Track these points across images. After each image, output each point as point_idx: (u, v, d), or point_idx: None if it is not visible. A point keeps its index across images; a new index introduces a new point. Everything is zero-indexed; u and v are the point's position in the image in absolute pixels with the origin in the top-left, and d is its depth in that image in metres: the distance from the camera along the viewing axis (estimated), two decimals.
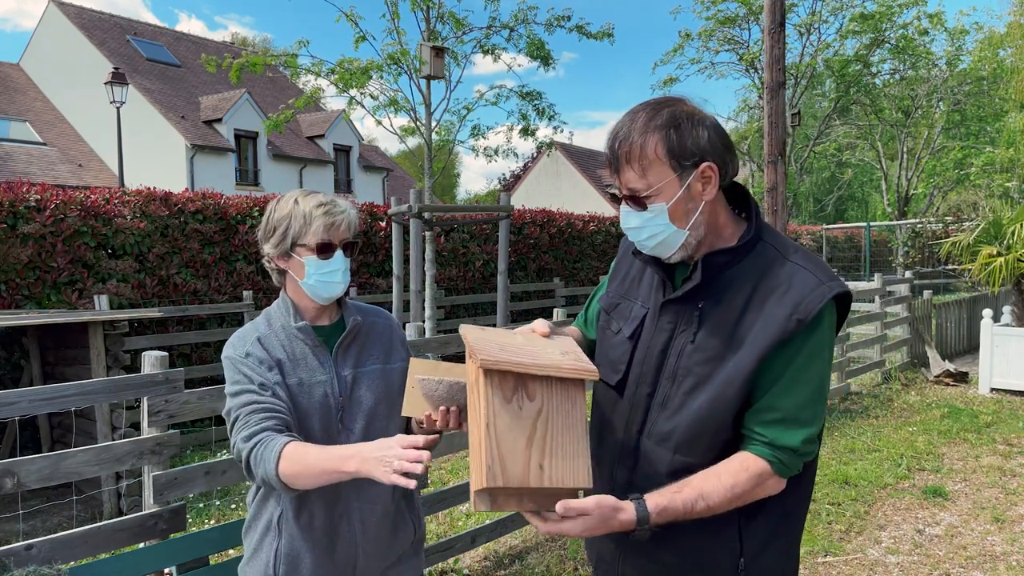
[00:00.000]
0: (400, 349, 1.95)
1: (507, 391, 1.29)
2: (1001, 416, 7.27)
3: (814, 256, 1.48)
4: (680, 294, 1.48)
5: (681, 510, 1.36)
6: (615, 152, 1.43)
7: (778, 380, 1.38)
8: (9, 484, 2.43)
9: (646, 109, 1.44)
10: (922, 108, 21.17)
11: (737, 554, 1.46)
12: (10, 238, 6.43)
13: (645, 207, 1.43)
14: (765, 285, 1.42)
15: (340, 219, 1.80)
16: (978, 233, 8.74)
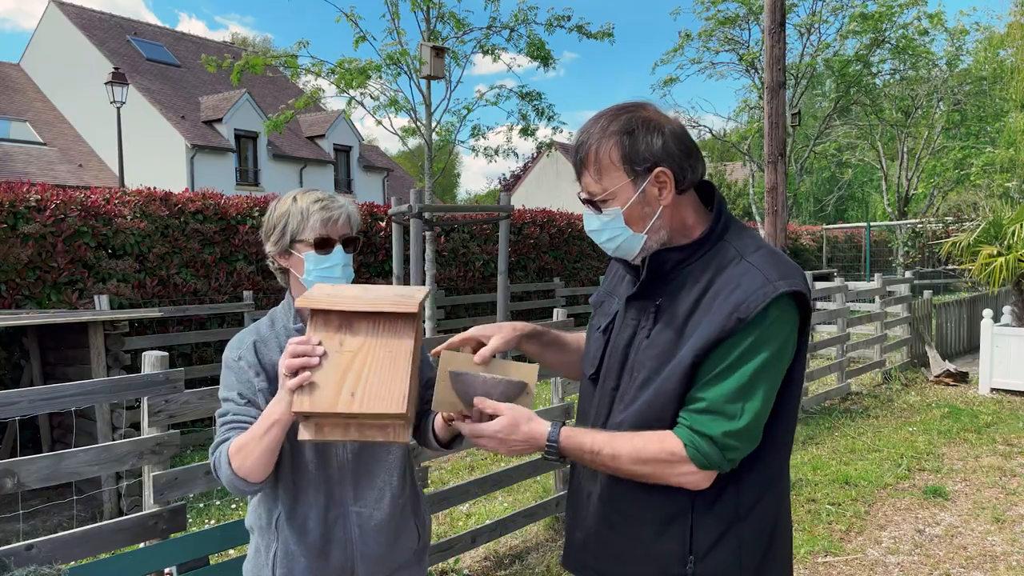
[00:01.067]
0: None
1: (331, 329, 1.43)
2: (1001, 416, 7.27)
3: (778, 256, 1.47)
4: (636, 290, 1.54)
5: (588, 447, 1.44)
6: (576, 156, 1.51)
7: (706, 370, 1.40)
8: (9, 484, 2.43)
9: (606, 115, 1.48)
10: (922, 108, 21.17)
11: (685, 552, 1.46)
12: (10, 238, 6.43)
13: (601, 211, 1.49)
14: (717, 283, 1.44)
15: (337, 213, 1.78)
16: (978, 233, 8.74)
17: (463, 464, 6.00)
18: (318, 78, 9.12)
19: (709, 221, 1.52)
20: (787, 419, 1.49)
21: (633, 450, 1.42)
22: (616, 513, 1.55)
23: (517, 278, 11.70)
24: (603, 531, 1.57)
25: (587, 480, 1.61)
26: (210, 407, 2.95)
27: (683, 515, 1.47)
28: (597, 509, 1.58)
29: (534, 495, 5.15)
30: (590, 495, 1.60)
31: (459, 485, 4.02)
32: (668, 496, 1.46)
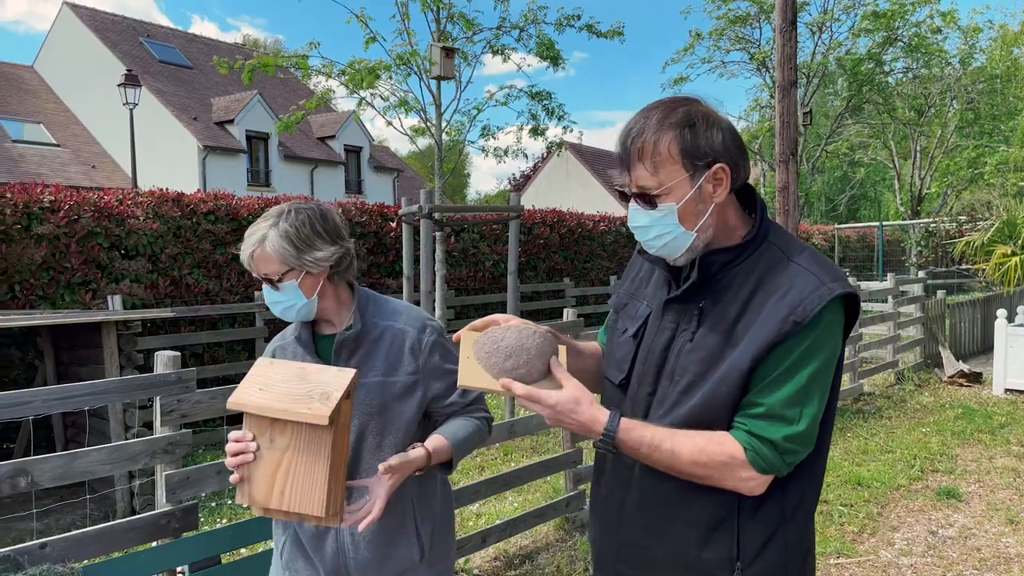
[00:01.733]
0: (410, 361, 1.86)
1: (263, 426, 1.53)
2: (1015, 417, 7.20)
3: (822, 257, 1.46)
4: (680, 293, 1.48)
5: (647, 441, 1.39)
6: (627, 148, 1.42)
7: (763, 375, 1.37)
8: (23, 483, 2.45)
9: (660, 107, 1.43)
10: (935, 107, 21.02)
11: (734, 557, 1.44)
12: (24, 239, 6.48)
13: (655, 206, 1.41)
14: (766, 286, 1.41)
15: (247, 251, 1.81)
16: (992, 232, 8.68)
17: (473, 464, 6.00)
18: (329, 79, 9.14)
19: (749, 223, 1.49)
20: (829, 421, 1.48)
21: (695, 449, 1.38)
22: (657, 520, 1.49)
23: (527, 278, 11.69)
24: (641, 539, 1.51)
25: (619, 488, 1.55)
26: (222, 407, 2.96)
27: (729, 520, 1.43)
28: (634, 517, 1.52)
29: (544, 495, 5.15)
30: (623, 503, 1.54)
31: (469, 485, 4.02)
32: (713, 501, 1.43)
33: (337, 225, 1.86)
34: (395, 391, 1.83)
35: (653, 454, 1.40)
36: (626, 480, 1.53)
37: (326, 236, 1.81)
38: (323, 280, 1.82)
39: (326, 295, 1.85)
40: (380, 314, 1.89)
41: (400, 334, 1.87)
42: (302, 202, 1.87)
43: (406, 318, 1.90)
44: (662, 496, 1.47)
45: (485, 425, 1.94)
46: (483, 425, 1.93)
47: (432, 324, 1.92)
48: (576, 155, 36.87)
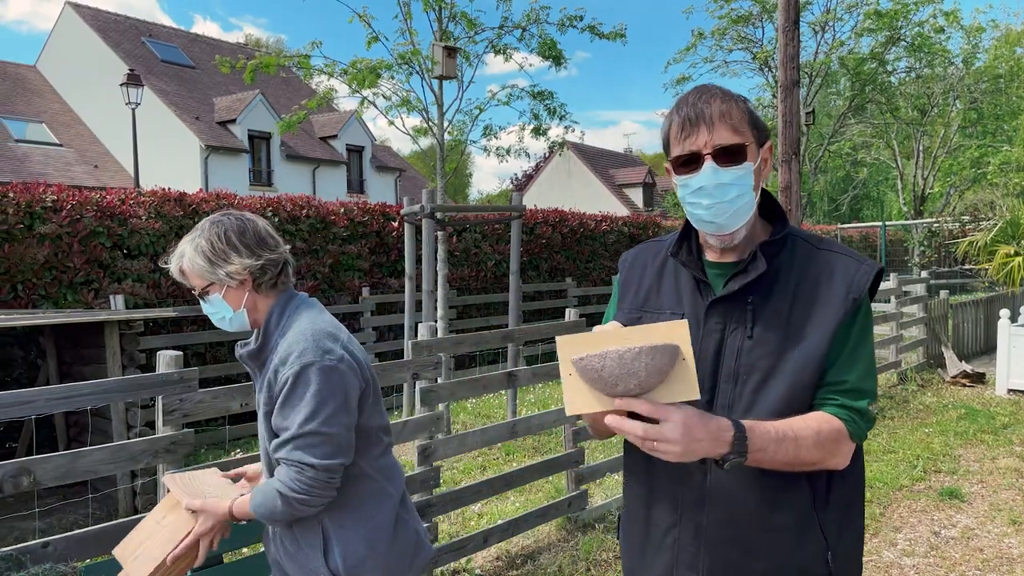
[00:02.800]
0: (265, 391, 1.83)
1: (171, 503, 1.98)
2: (1018, 417, 7.19)
3: (837, 242, 1.55)
4: (735, 289, 1.45)
5: (774, 434, 1.34)
6: (702, 110, 1.41)
7: (839, 357, 1.42)
8: (26, 482, 2.45)
9: (711, 86, 1.47)
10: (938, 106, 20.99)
11: (824, 547, 1.46)
12: (27, 238, 6.49)
13: (742, 160, 1.41)
14: (808, 275, 1.46)
15: (175, 275, 1.86)
16: (995, 232, 8.67)
17: (475, 464, 6.00)
18: (331, 78, 9.14)
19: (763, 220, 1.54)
20: None
21: (813, 433, 1.37)
22: (749, 533, 1.44)
23: (529, 278, 11.69)
24: (735, 557, 1.45)
25: (689, 512, 1.47)
26: (224, 406, 2.96)
27: (811, 513, 1.45)
28: (720, 537, 1.45)
29: (546, 495, 5.14)
30: (699, 527, 1.47)
31: (471, 485, 4.02)
32: (795, 498, 1.44)
33: (259, 236, 1.84)
34: (262, 412, 1.90)
35: (780, 449, 1.34)
36: (697, 502, 1.47)
37: (242, 248, 1.80)
38: (248, 292, 1.83)
39: (256, 307, 1.86)
40: (283, 331, 1.85)
41: (277, 357, 1.82)
42: (226, 214, 1.86)
43: (288, 342, 1.81)
44: (748, 507, 1.44)
45: (278, 498, 1.76)
46: (276, 495, 1.76)
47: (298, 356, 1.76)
48: (578, 155, 36.86)
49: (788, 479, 1.43)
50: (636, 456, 1.54)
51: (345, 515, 1.86)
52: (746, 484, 1.43)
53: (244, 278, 1.82)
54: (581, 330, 4.87)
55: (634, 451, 1.55)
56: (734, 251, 1.50)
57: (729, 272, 1.49)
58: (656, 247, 1.65)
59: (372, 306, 9.15)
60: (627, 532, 1.64)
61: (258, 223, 1.88)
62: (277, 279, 1.87)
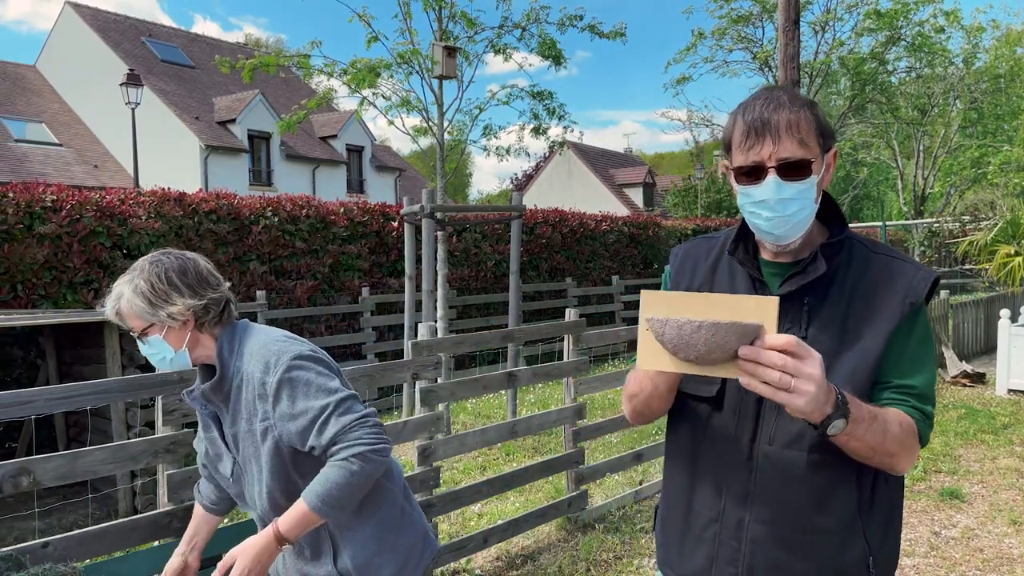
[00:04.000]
0: (260, 406, 1.79)
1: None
2: (1019, 417, 7.19)
3: (892, 247, 1.54)
4: (793, 290, 1.44)
5: (867, 410, 1.30)
6: (769, 120, 1.38)
7: (900, 361, 1.41)
8: (25, 482, 2.45)
9: (779, 89, 1.45)
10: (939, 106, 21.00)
11: (866, 552, 1.45)
12: (26, 238, 6.49)
13: (807, 175, 1.38)
14: (865, 278, 1.45)
15: (111, 318, 1.82)
16: (995, 232, 8.66)
17: (475, 464, 6.00)
18: (330, 78, 9.14)
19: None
20: None
21: (897, 424, 1.34)
22: (794, 533, 1.43)
23: (529, 278, 11.69)
24: (778, 557, 1.44)
25: (733, 506, 1.46)
26: None
27: (855, 517, 1.44)
28: (765, 534, 1.44)
29: (546, 496, 5.14)
30: (742, 522, 1.45)
31: (471, 485, 4.02)
32: (845, 499, 1.43)
33: (201, 276, 1.81)
34: (258, 437, 1.81)
35: (871, 428, 1.30)
36: (741, 497, 1.45)
37: (184, 289, 1.77)
38: (191, 331, 1.80)
39: (198, 344, 1.84)
40: (239, 356, 1.83)
41: (249, 379, 1.80)
42: (165, 252, 1.83)
43: (253, 359, 1.80)
44: (798, 506, 1.42)
45: (355, 464, 1.71)
46: (350, 466, 1.71)
47: (276, 360, 1.77)
48: (578, 154, 36.87)
49: (837, 479, 1.42)
50: (682, 443, 1.55)
51: (349, 517, 1.86)
52: (795, 482, 1.42)
53: (187, 318, 1.78)
54: (581, 330, 4.86)
55: (680, 438, 1.56)
56: (789, 252, 1.50)
57: (784, 272, 1.48)
58: (708, 244, 1.63)
59: (372, 306, 9.15)
60: (665, 521, 1.62)
61: (199, 262, 1.84)
62: (220, 316, 1.84)
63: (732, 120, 1.46)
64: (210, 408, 1.88)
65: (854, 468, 1.42)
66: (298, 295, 8.73)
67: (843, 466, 1.41)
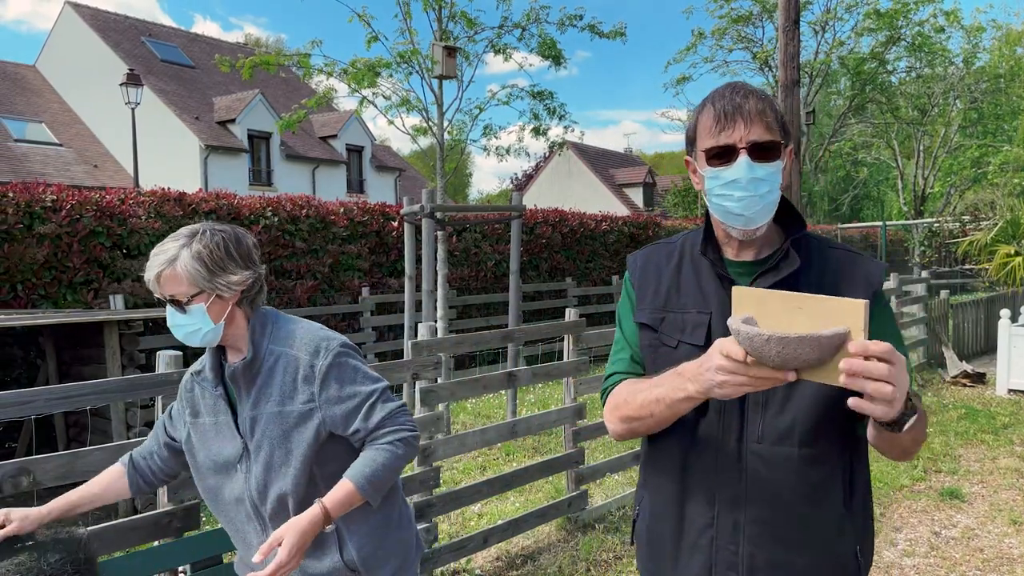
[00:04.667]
0: (304, 389, 1.80)
1: None
2: (1019, 417, 7.19)
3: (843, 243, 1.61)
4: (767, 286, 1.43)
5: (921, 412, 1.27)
6: (742, 105, 1.42)
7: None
8: (25, 482, 2.45)
9: (744, 84, 1.49)
10: (939, 106, 21.00)
11: (854, 541, 1.48)
12: (26, 238, 6.49)
13: (776, 157, 1.43)
14: (827, 271, 1.49)
15: (151, 278, 1.76)
16: (995, 232, 8.66)
17: (475, 464, 6.00)
18: (330, 78, 9.14)
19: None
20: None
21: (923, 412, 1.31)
22: (792, 531, 1.44)
23: (529, 278, 11.69)
24: (778, 555, 1.45)
25: (726, 510, 1.46)
26: None
27: (842, 506, 1.47)
28: (763, 534, 1.44)
29: (546, 496, 5.14)
30: (737, 524, 1.45)
31: (471, 485, 4.02)
32: (836, 491, 1.45)
33: (250, 250, 1.82)
34: (292, 420, 1.79)
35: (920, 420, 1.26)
36: (734, 499, 1.45)
37: (240, 260, 1.77)
38: (232, 306, 1.79)
39: (234, 321, 1.81)
40: (276, 339, 1.83)
41: (293, 361, 1.81)
42: (216, 223, 1.83)
43: (300, 343, 1.82)
44: (791, 501, 1.44)
45: (400, 448, 1.81)
46: (396, 450, 1.80)
47: (327, 346, 1.82)
48: (578, 154, 36.86)
49: (827, 471, 1.44)
50: (670, 452, 1.53)
51: (353, 512, 1.86)
52: (787, 478, 1.43)
53: (236, 291, 1.78)
54: (581, 330, 4.86)
55: (667, 447, 1.54)
56: (752, 249, 1.51)
57: (750, 270, 1.50)
58: (667, 248, 1.64)
59: (372, 306, 9.15)
60: (652, 534, 1.59)
61: (249, 236, 1.86)
62: (256, 296, 1.85)
63: (698, 111, 1.50)
64: (220, 391, 1.84)
65: (839, 460, 1.45)
66: (298, 295, 8.73)
67: (830, 458, 1.44)
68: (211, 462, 1.86)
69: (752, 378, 1.19)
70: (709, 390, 1.27)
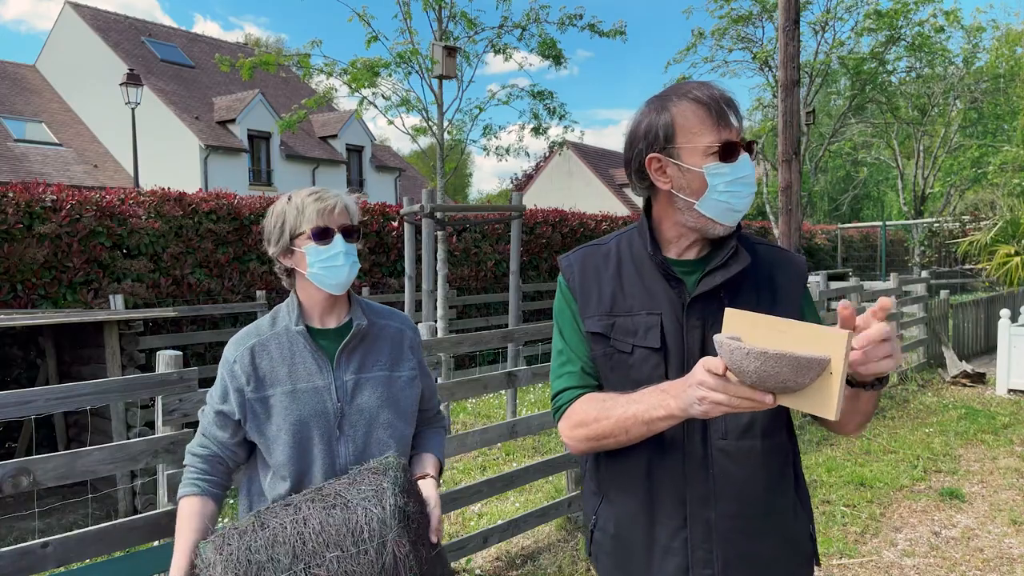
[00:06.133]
0: (410, 357, 1.93)
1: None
2: (1019, 417, 7.18)
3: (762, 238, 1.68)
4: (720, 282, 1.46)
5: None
6: (732, 101, 1.46)
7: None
8: (25, 482, 2.45)
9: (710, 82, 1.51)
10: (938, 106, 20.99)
11: (807, 522, 1.56)
12: (26, 238, 6.48)
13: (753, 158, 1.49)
14: (762, 266, 1.53)
15: (332, 203, 1.79)
16: (995, 232, 8.66)
17: (475, 464, 6.00)
18: (330, 78, 9.15)
19: None
20: None
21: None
22: (756, 522, 1.47)
23: (529, 278, 11.69)
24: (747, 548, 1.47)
25: (699, 508, 1.46)
26: None
27: (793, 493, 1.54)
28: (732, 530, 1.46)
29: (546, 495, 5.14)
30: (707, 522, 1.45)
31: (471, 485, 4.01)
32: (788, 477, 1.53)
33: None
34: (400, 384, 1.87)
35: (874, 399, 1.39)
36: (703, 498, 1.46)
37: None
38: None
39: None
40: (373, 312, 1.93)
41: (399, 332, 1.93)
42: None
43: (399, 318, 1.98)
44: (758, 491, 1.46)
45: (445, 433, 2.10)
46: (444, 434, 2.09)
47: (413, 323, 2.02)
48: (578, 154, 36.85)
49: (783, 459, 1.51)
50: (635, 459, 1.50)
51: None
52: (752, 470, 1.46)
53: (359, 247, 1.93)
54: None
55: (630, 454, 1.49)
56: (694, 248, 1.53)
57: (694, 269, 1.51)
58: (602, 250, 1.60)
59: None
60: (618, 543, 1.55)
61: None
62: None
63: (669, 106, 1.44)
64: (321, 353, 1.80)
65: (789, 446, 1.53)
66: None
67: (785, 446, 1.51)
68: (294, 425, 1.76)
69: (732, 397, 1.19)
70: (689, 406, 1.26)
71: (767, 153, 18.20)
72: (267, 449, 1.79)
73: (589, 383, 1.54)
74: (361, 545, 1.56)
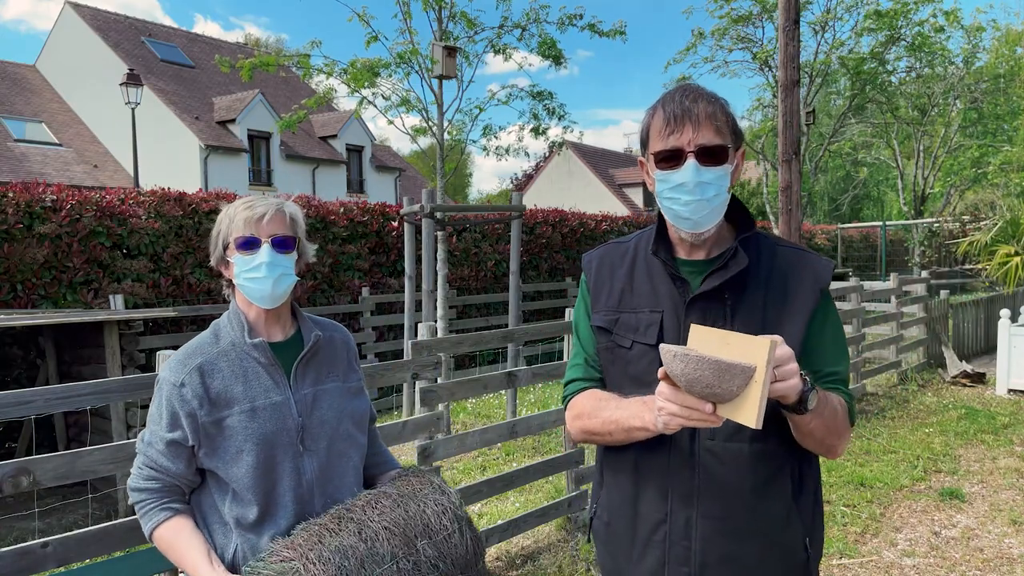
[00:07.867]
0: (356, 368, 1.88)
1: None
2: (1019, 417, 7.18)
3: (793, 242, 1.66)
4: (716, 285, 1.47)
5: (822, 393, 1.37)
6: (689, 107, 1.43)
7: (824, 348, 1.49)
8: (25, 482, 2.44)
9: (695, 85, 1.50)
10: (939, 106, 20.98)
11: (803, 532, 1.52)
12: (26, 238, 6.49)
13: (723, 161, 1.44)
14: (776, 269, 1.51)
15: (261, 211, 1.69)
16: (995, 232, 8.66)
17: (475, 464, 6.00)
18: (330, 78, 9.15)
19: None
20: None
21: (841, 406, 1.46)
22: (742, 525, 1.47)
23: (529, 278, 11.69)
24: (732, 550, 1.47)
25: (680, 506, 1.48)
26: None
27: (790, 501, 1.51)
28: (715, 530, 1.47)
29: (546, 495, 5.14)
30: (689, 520, 1.48)
31: (471, 485, 4.02)
32: (783, 484, 1.50)
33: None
34: (351, 395, 1.83)
35: (828, 406, 1.39)
36: (686, 495, 1.47)
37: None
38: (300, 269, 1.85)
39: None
40: (317, 324, 1.85)
41: (344, 343, 1.88)
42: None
43: (340, 329, 1.92)
44: (743, 495, 1.47)
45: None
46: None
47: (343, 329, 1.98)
48: (578, 154, 36.84)
49: (777, 466, 1.49)
50: (625, 451, 1.55)
51: None
52: (739, 473, 1.46)
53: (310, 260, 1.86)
54: None
55: (622, 449, 1.56)
56: (703, 249, 1.53)
57: (701, 269, 1.52)
58: (621, 248, 1.66)
59: (372, 306, 9.15)
60: (610, 533, 1.62)
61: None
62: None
63: (651, 113, 1.50)
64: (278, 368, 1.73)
65: (788, 455, 1.49)
66: (297, 295, 8.74)
67: (780, 453, 1.48)
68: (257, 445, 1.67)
69: (681, 407, 1.25)
70: (656, 419, 1.32)
71: (767, 153, 18.19)
72: (225, 472, 1.67)
73: (592, 376, 1.62)
74: (443, 531, 1.65)
